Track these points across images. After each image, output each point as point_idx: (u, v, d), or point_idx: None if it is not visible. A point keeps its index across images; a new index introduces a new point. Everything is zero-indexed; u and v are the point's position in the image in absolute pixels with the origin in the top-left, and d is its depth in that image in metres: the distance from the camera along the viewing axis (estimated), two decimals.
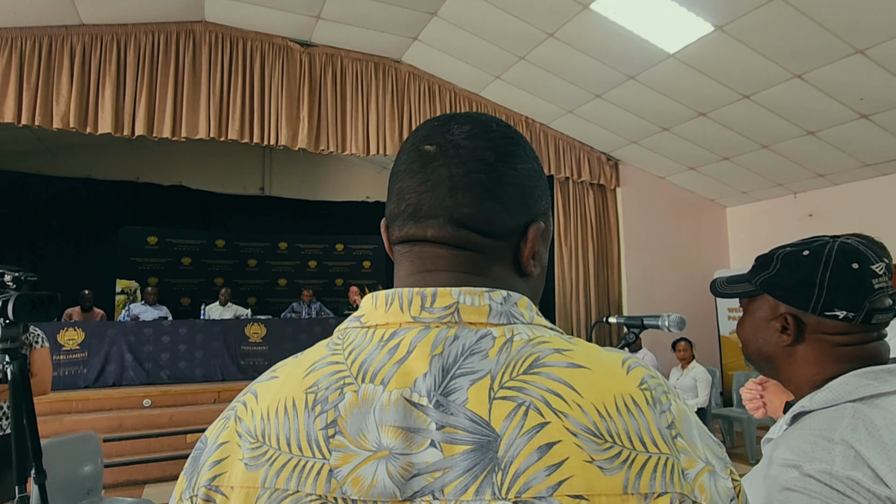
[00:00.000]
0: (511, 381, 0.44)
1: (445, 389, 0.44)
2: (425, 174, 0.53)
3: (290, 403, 0.47)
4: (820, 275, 0.81)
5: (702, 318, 7.04)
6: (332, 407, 0.45)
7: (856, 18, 4.26)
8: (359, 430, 0.44)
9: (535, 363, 0.45)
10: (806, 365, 0.84)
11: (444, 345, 0.46)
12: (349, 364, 0.48)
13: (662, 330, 1.38)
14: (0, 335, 1.84)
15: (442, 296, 0.49)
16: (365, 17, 5.55)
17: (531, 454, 0.41)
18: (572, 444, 0.41)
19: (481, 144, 0.53)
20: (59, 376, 5.57)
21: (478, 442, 0.42)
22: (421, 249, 0.53)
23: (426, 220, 0.52)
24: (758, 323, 0.89)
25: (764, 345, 0.89)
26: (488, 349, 0.46)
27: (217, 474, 0.47)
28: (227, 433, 0.49)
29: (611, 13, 4.80)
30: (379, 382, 0.46)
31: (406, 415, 0.44)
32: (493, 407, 0.43)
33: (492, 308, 0.49)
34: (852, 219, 6.49)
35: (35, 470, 1.82)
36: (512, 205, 0.53)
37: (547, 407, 0.42)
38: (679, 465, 0.42)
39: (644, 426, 0.43)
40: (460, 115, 0.57)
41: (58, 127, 5.04)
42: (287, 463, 0.44)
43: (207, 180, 9.47)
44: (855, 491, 0.69)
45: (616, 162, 7.71)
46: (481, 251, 0.52)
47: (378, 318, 0.50)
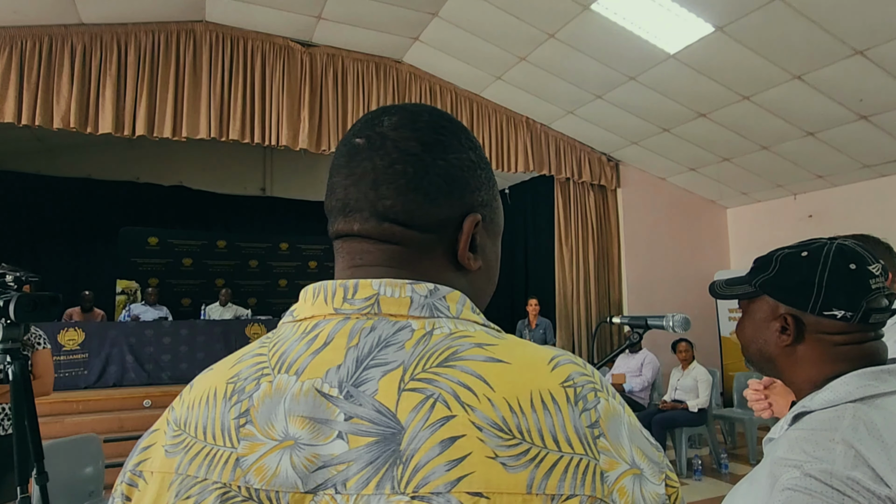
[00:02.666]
0: (423, 374, 0.42)
1: (357, 380, 0.43)
2: (350, 168, 0.52)
3: (213, 393, 0.47)
4: (818, 275, 0.83)
5: (702, 319, 7.04)
6: (247, 397, 0.45)
7: (855, 20, 4.27)
8: (268, 420, 0.44)
9: (452, 356, 0.43)
10: (806, 365, 0.85)
11: (360, 336, 0.46)
12: (270, 356, 0.48)
13: (667, 330, 1.38)
14: (1, 336, 1.84)
15: (363, 287, 0.48)
16: (366, 17, 5.55)
17: (433, 448, 0.39)
18: (476, 439, 0.39)
19: (407, 135, 0.52)
20: (59, 377, 5.55)
21: (382, 434, 0.40)
22: (350, 245, 0.53)
23: (353, 214, 0.52)
24: (758, 324, 0.90)
25: (764, 345, 0.90)
26: (405, 341, 0.45)
27: (142, 459, 0.48)
28: (160, 421, 0.50)
29: (611, 14, 4.80)
30: (293, 373, 0.45)
31: (315, 405, 0.43)
32: (402, 399, 0.41)
33: (413, 300, 0.48)
34: (852, 220, 6.49)
35: (36, 471, 1.82)
36: (439, 196, 0.51)
37: (455, 400, 0.41)
38: (598, 466, 0.40)
39: (559, 424, 0.40)
40: (393, 107, 0.56)
41: (58, 127, 5.03)
42: (200, 451, 0.45)
43: (208, 181, 9.46)
44: (855, 491, 0.69)
45: (616, 163, 7.71)
46: (407, 244, 0.51)
47: (305, 311, 0.50)
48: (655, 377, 5.76)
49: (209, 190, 9.50)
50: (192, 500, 0.43)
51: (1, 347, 1.83)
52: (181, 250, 9.28)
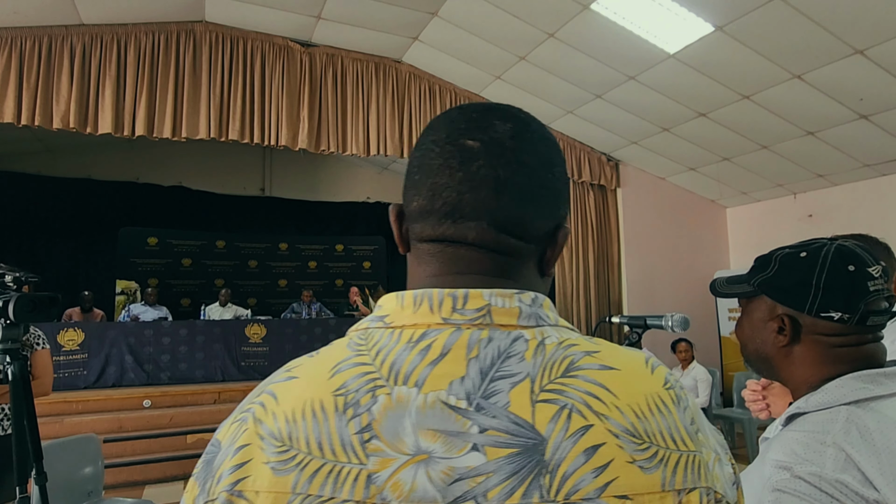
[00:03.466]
0: (551, 384, 0.44)
1: (486, 392, 0.44)
2: (467, 173, 0.50)
3: (318, 406, 0.45)
4: (816, 276, 0.82)
5: (702, 319, 7.04)
6: (366, 410, 0.44)
7: (855, 19, 4.27)
8: (395, 434, 0.43)
9: (571, 366, 0.45)
10: (802, 366, 0.85)
11: (479, 347, 0.46)
12: (378, 365, 0.46)
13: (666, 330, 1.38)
14: (1, 336, 1.84)
15: (473, 297, 0.48)
16: (365, 17, 5.55)
17: (578, 456, 0.41)
18: (615, 446, 0.42)
19: (525, 146, 0.52)
20: (58, 377, 5.56)
21: (523, 445, 0.42)
22: (456, 251, 0.51)
23: (466, 221, 0.50)
24: (755, 323, 0.90)
25: (761, 345, 0.90)
26: (523, 352, 0.46)
27: (240, 478, 0.45)
28: (246, 436, 0.46)
29: (611, 13, 4.80)
30: (413, 384, 0.45)
31: (444, 418, 0.43)
32: (536, 410, 0.43)
33: (521, 310, 0.48)
34: (852, 219, 6.49)
35: (36, 471, 1.82)
36: (546, 209, 0.53)
37: (588, 409, 0.43)
38: (703, 459, 0.44)
39: (673, 425, 0.45)
40: (499, 110, 0.55)
41: (58, 127, 5.03)
42: (321, 468, 0.43)
43: (208, 181, 9.46)
44: (843, 494, 0.70)
45: (616, 162, 7.71)
46: (515, 255, 0.52)
47: (405, 319, 0.49)
48: None
49: (209, 190, 9.50)
50: None
51: (0, 348, 1.83)
52: (181, 250, 9.28)
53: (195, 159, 9.04)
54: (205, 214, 9.49)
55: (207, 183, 9.48)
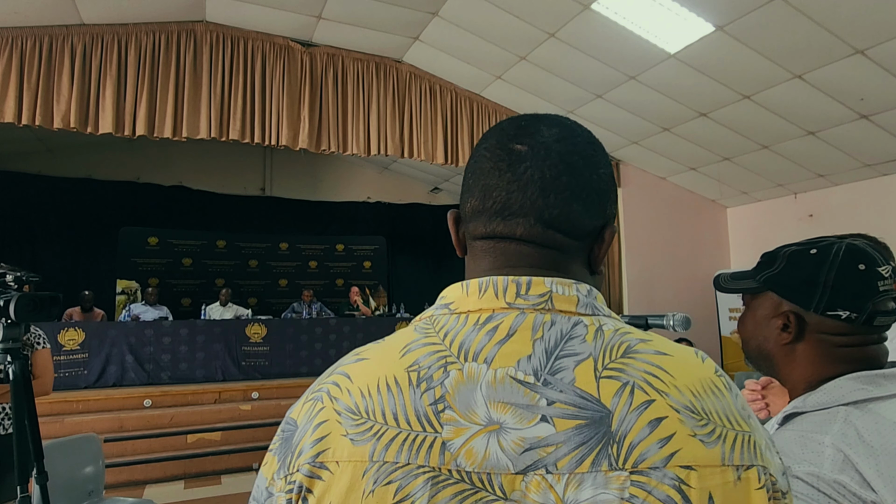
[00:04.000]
0: (613, 363, 0.47)
1: (552, 369, 0.47)
2: (515, 174, 0.54)
3: (392, 381, 0.49)
4: (825, 274, 0.81)
5: (703, 319, 7.04)
6: (439, 384, 0.47)
7: (856, 19, 4.26)
8: (468, 406, 0.46)
9: (629, 349, 0.48)
10: (804, 364, 0.84)
11: (544, 329, 0.49)
12: (448, 344, 0.50)
13: (667, 329, 1.38)
14: (1, 335, 1.84)
15: (536, 284, 0.52)
16: (366, 17, 5.55)
17: (643, 428, 0.44)
18: (677, 420, 0.45)
19: (570, 149, 0.55)
20: (59, 377, 5.56)
21: (590, 417, 0.44)
22: (507, 246, 0.55)
23: (514, 218, 0.54)
24: (759, 320, 0.89)
25: (763, 342, 0.89)
26: (584, 335, 0.49)
27: (321, 450, 0.48)
28: (323, 413, 0.50)
29: (612, 13, 4.80)
30: (482, 361, 0.48)
31: (514, 391, 0.46)
32: (601, 385, 0.46)
33: (580, 299, 0.52)
34: (852, 219, 6.49)
35: (36, 470, 1.82)
36: (593, 208, 0.55)
37: (649, 386, 0.46)
38: (757, 441, 0.47)
39: (727, 407, 0.47)
40: (546, 118, 0.58)
41: (58, 127, 5.03)
42: (396, 437, 0.46)
43: (208, 180, 9.46)
44: (841, 494, 0.69)
45: (617, 162, 7.71)
46: (562, 250, 0.55)
47: (470, 305, 0.52)
48: None
49: (209, 190, 9.50)
50: (393, 485, 0.45)
51: (1, 347, 1.83)
52: (181, 250, 9.28)
53: (196, 159, 9.04)
54: (205, 214, 9.49)
55: (208, 183, 9.48)
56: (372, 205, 10.56)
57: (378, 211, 10.60)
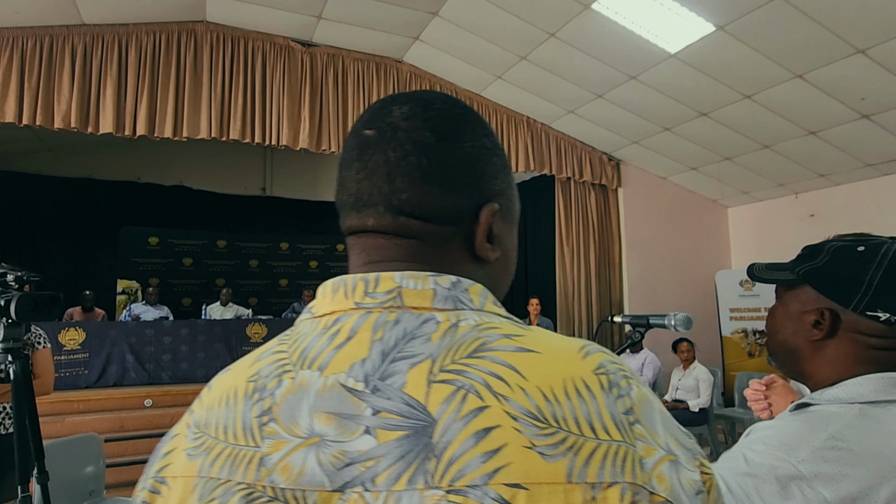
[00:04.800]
0: (452, 365, 0.41)
1: (384, 373, 0.42)
2: (362, 161, 0.51)
3: (233, 393, 0.46)
4: (871, 273, 0.78)
5: (703, 319, 7.03)
6: (269, 394, 0.44)
7: (857, 18, 4.26)
8: (291, 417, 0.42)
9: (481, 347, 0.42)
10: (833, 363, 0.82)
11: (385, 329, 0.44)
12: (291, 352, 0.46)
13: (669, 329, 1.38)
14: (2, 335, 1.84)
15: (384, 280, 0.47)
16: (366, 17, 5.55)
17: (467, 439, 0.38)
18: (511, 429, 0.38)
19: (420, 125, 0.50)
20: (60, 377, 5.56)
21: (413, 427, 0.39)
22: (365, 241, 0.52)
23: (366, 208, 0.50)
24: (791, 314, 0.86)
25: (791, 336, 0.86)
26: (431, 333, 0.44)
27: (164, 465, 0.46)
28: (179, 426, 0.49)
29: (612, 13, 4.80)
30: (316, 368, 0.44)
31: (341, 400, 0.42)
32: (431, 390, 0.40)
33: (436, 292, 0.47)
34: (854, 219, 6.49)
35: (37, 470, 1.82)
36: (456, 187, 0.50)
37: (487, 390, 0.40)
38: (635, 453, 0.39)
39: (595, 411, 0.40)
40: (403, 95, 0.54)
41: (59, 127, 5.03)
42: (222, 452, 0.43)
43: (209, 180, 9.47)
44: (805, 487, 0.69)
45: (617, 162, 7.71)
46: (424, 238, 0.50)
47: (325, 307, 0.49)
48: (656, 377, 5.75)
49: (210, 190, 9.51)
50: (215, 502, 0.42)
51: (2, 347, 1.83)
52: (182, 250, 9.28)
53: (196, 159, 9.04)
54: (206, 214, 9.50)
55: (208, 182, 9.48)
56: None
57: None
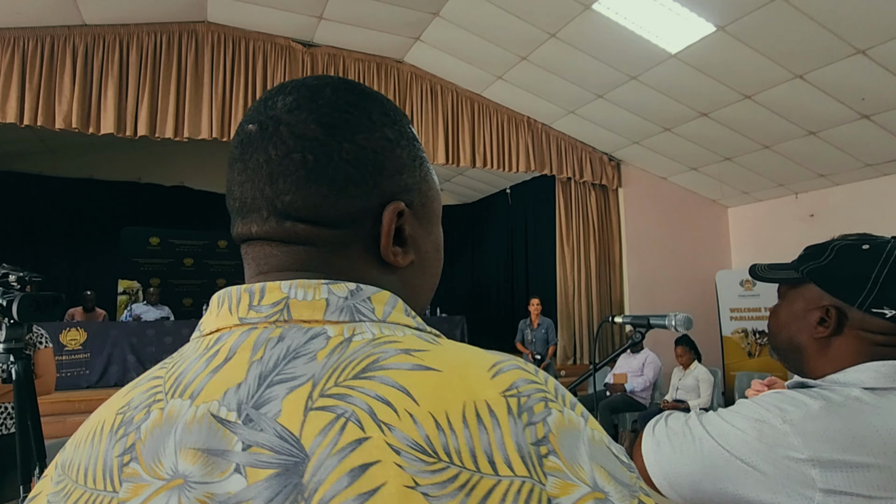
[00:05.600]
0: (335, 388, 0.36)
1: (258, 401, 0.36)
2: (244, 162, 0.45)
3: (100, 428, 0.41)
4: (877, 271, 0.80)
5: (704, 319, 7.03)
6: (135, 429, 0.39)
7: (857, 19, 4.26)
8: (154, 455, 0.37)
9: (371, 366, 0.37)
10: (838, 359, 0.83)
11: (266, 348, 0.39)
12: (166, 378, 0.41)
13: (669, 329, 1.38)
14: (4, 335, 1.84)
15: (271, 291, 0.42)
16: (367, 17, 5.55)
17: (340, 479, 0.32)
18: (392, 465, 0.32)
19: (304, 116, 0.45)
20: (61, 377, 5.56)
21: (284, 464, 0.34)
22: (254, 249, 0.46)
23: (250, 214, 0.45)
24: (795, 312, 0.88)
25: (796, 334, 0.87)
26: (317, 351, 0.38)
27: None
28: (50, 467, 0.44)
29: (613, 13, 4.80)
30: (188, 396, 0.38)
31: (210, 434, 0.36)
32: (308, 420, 0.35)
33: (329, 302, 0.41)
34: (853, 219, 6.49)
35: (39, 470, 1.82)
36: (348, 185, 0.44)
37: (370, 418, 0.34)
38: (543, 491, 0.33)
39: (497, 441, 0.34)
40: (290, 83, 0.48)
41: (60, 127, 5.04)
42: (79, 499, 0.38)
43: (210, 181, 9.47)
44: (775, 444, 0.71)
45: (618, 162, 7.71)
46: (317, 244, 0.45)
47: (210, 324, 0.44)
48: (657, 377, 5.75)
49: (210, 190, 9.50)
50: None
51: (4, 347, 1.83)
52: (182, 250, 9.28)
53: (197, 159, 9.03)
54: (207, 214, 9.49)
55: (209, 183, 9.48)
56: None
57: None
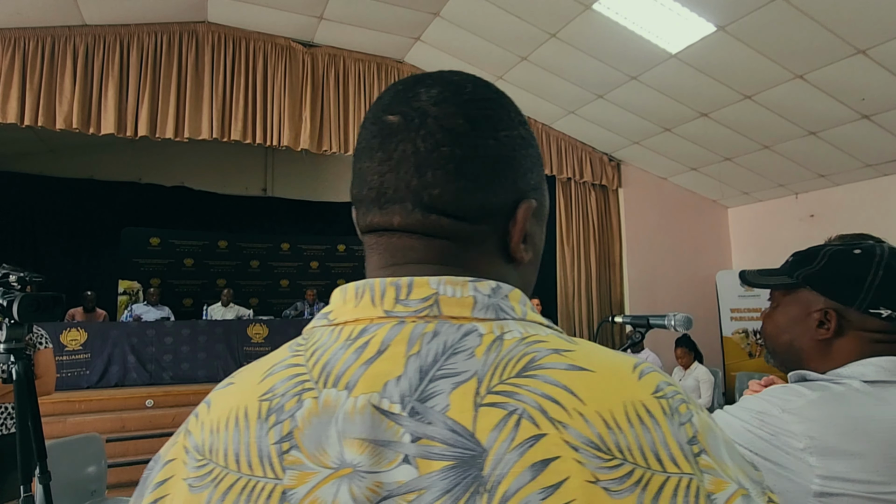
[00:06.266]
0: (501, 385, 0.37)
1: (423, 394, 0.37)
2: (386, 151, 0.45)
3: (243, 413, 0.41)
4: (872, 273, 0.83)
5: (704, 319, 7.03)
6: (289, 416, 0.39)
7: (857, 19, 4.26)
8: (318, 444, 0.38)
9: (530, 364, 0.38)
10: (839, 359, 0.85)
11: (422, 342, 0.40)
12: (311, 366, 0.41)
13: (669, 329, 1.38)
14: (5, 335, 1.84)
15: (419, 286, 0.42)
16: (367, 17, 5.55)
17: (523, 472, 0.34)
18: (572, 461, 0.34)
19: (451, 110, 0.45)
20: (61, 377, 5.56)
21: (460, 457, 0.35)
22: (389, 240, 0.47)
23: (391, 205, 0.45)
24: (793, 316, 0.90)
25: (797, 338, 0.89)
26: (474, 347, 0.39)
27: (159, 497, 0.41)
28: (175, 450, 0.43)
29: (613, 13, 4.80)
30: (343, 387, 0.39)
31: (374, 425, 0.37)
32: (479, 415, 0.36)
33: (477, 300, 0.42)
34: (853, 219, 6.48)
35: (39, 470, 1.83)
36: (491, 181, 0.46)
37: (543, 416, 0.35)
38: (702, 487, 0.35)
39: (660, 440, 0.35)
40: (429, 76, 0.49)
41: (60, 127, 5.04)
42: (235, 484, 0.38)
43: (210, 181, 9.47)
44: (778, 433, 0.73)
45: (618, 162, 7.71)
46: (456, 238, 0.45)
47: (347, 314, 0.44)
48: None
49: (211, 190, 9.50)
50: None
51: (4, 347, 1.84)
52: (183, 250, 9.29)
53: (197, 159, 9.04)
54: (207, 214, 9.49)
55: (209, 183, 9.48)
56: None
57: None
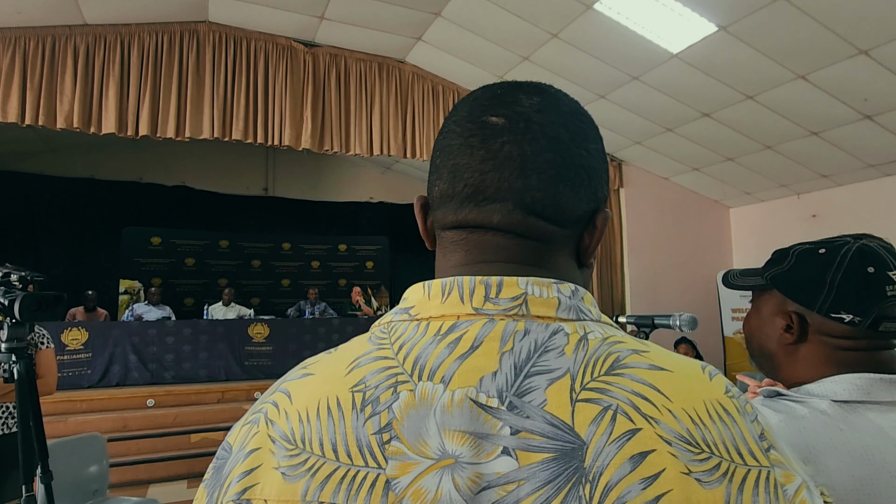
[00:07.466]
0: (593, 382, 0.39)
1: (519, 389, 0.39)
2: (490, 150, 0.47)
3: (335, 403, 0.42)
4: (831, 274, 0.78)
5: (705, 319, 7.02)
6: (386, 408, 0.40)
7: (860, 19, 4.25)
8: (418, 435, 0.39)
9: (616, 363, 0.40)
10: (806, 366, 0.82)
11: (514, 340, 0.42)
12: (401, 360, 0.43)
13: (674, 329, 1.38)
14: (6, 335, 1.84)
15: (508, 286, 0.44)
16: (369, 17, 5.55)
17: (623, 464, 0.36)
18: (667, 454, 0.36)
19: (554, 120, 0.48)
20: (62, 377, 5.56)
21: (560, 449, 0.37)
22: (480, 237, 0.47)
23: (490, 203, 0.47)
24: (764, 318, 0.87)
25: (766, 341, 0.87)
26: (563, 346, 0.41)
27: (248, 486, 0.41)
28: (258, 438, 0.43)
29: (614, 13, 4.79)
30: (439, 380, 0.41)
31: (473, 418, 0.39)
32: (577, 410, 0.38)
33: (561, 301, 0.44)
34: (856, 219, 6.47)
35: (41, 470, 1.82)
36: (581, 189, 0.48)
37: (636, 411, 0.38)
38: (779, 480, 0.37)
39: (739, 436, 0.38)
40: (526, 85, 0.51)
41: (61, 127, 5.04)
42: (334, 473, 0.39)
43: (211, 181, 9.48)
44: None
45: (620, 163, 7.70)
46: (546, 241, 0.47)
47: (432, 310, 0.45)
48: None
49: (212, 190, 9.51)
50: None
51: (6, 347, 1.83)
52: (184, 250, 9.29)
53: (198, 159, 9.05)
54: (208, 214, 9.50)
55: (211, 183, 9.49)
56: (374, 205, 10.56)
57: (380, 211, 10.61)
